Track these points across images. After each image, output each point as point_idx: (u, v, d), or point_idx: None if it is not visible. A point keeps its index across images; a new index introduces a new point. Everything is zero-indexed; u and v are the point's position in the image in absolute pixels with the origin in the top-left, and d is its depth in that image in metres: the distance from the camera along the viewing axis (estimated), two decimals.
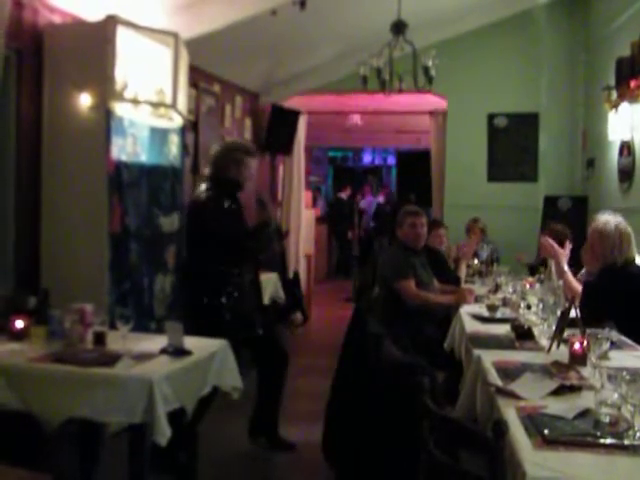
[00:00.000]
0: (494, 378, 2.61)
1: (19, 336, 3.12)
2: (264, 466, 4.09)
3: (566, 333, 3.03)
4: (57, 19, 4.27)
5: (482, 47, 7.90)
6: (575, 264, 4.21)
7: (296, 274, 8.17)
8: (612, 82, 5.71)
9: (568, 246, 4.29)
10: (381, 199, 14.19)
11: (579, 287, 3.82)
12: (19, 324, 3.13)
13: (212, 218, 3.95)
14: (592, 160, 7.03)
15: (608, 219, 3.70)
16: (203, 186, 4.12)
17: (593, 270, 3.74)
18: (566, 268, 4.09)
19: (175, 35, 4.52)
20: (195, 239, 4.05)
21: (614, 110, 5.79)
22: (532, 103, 7.83)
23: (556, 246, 4.21)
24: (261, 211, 4.14)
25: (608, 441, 1.93)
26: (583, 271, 4.11)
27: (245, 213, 4.15)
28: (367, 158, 17.22)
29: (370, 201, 14.30)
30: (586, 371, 2.66)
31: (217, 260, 3.95)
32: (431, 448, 2.07)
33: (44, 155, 4.18)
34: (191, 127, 6.08)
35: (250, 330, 4.01)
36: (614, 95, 5.69)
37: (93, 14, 4.31)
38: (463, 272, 5.35)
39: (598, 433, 1.97)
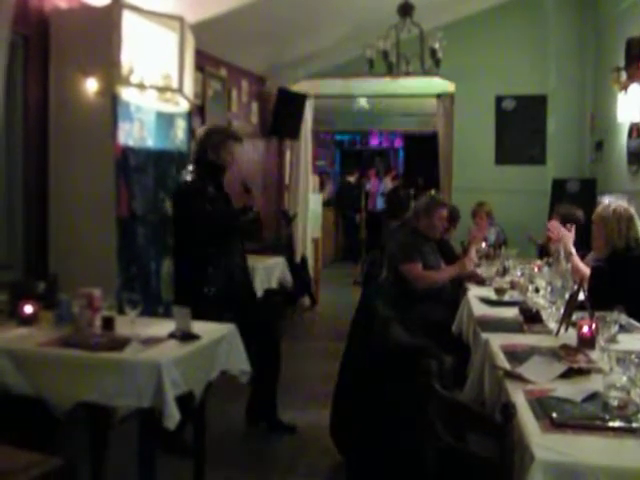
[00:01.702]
0: (502, 361, 2.61)
1: (28, 321, 3.13)
2: (270, 451, 4.06)
3: (574, 316, 3.02)
4: (63, 4, 4.26)
5: (490, 29, 7.83)
6: (583, 247, 4.19)
7: (304, 258, 8.18)
8: (621, 63, 5.65)
9: (572, 229, 4.27)
10: (389, 182, 14.11)
11: (586, 270, 3.81)
12: (28, 309, 3.15)
13: (195, 201, 3.94)
14: (601, 142, 6.97)
15: (608, 203, 3.69)
16: (189, 169, 4.13)
17: (602, 256, 3.73)
18: (573, 250, 4.07)
19: (181, 19, 4.50)
20: (181, 223, 4.05)
21: (623, 91, 5.73)
22: (540, 85, 7.76)
23: (562, 229, 4.19)
24: (245, 196, 4.13)
25: (616, 424, 1.93)
26: (591, 254, 4.09)
27: (232, 199, 4.16)
28: (374, 141, 17.13)
29: (375, 184, 14.24)
30: (594, 354, 2.66)
31: (201, 243, 3.94)
32: (439, 431, 2.07)
33: (51, 141, 4.18)
34: (197, 111, 6.07)
35: (235, 312, 3.89)
36: (623, 76, 5.64)
37: None
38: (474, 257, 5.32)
39: (606, 416, 1.97)
